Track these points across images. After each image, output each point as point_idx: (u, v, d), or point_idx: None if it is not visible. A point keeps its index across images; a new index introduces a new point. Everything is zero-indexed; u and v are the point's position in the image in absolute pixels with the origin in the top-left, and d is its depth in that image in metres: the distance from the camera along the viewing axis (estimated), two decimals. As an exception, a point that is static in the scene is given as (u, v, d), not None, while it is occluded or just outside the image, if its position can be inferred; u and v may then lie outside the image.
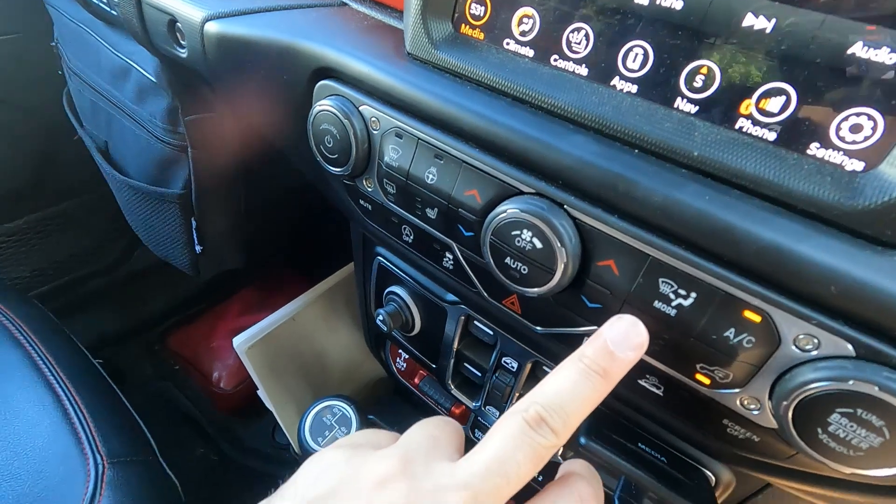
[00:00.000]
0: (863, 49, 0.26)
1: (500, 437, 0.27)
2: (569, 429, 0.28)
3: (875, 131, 0.27)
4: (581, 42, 0.36)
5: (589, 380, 0.29)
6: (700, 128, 0.32)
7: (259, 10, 0.51)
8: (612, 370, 0.29)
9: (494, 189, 0.38)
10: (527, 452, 0.26)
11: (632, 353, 0.30)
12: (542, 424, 0.27)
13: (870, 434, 0.27)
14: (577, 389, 0.29)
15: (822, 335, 0.28)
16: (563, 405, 0.28)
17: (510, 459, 0.26)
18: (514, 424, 0.27)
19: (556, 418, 0.27)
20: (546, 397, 0.28)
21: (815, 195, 0.28)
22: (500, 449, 0.27)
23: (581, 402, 0.28)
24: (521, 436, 0.27)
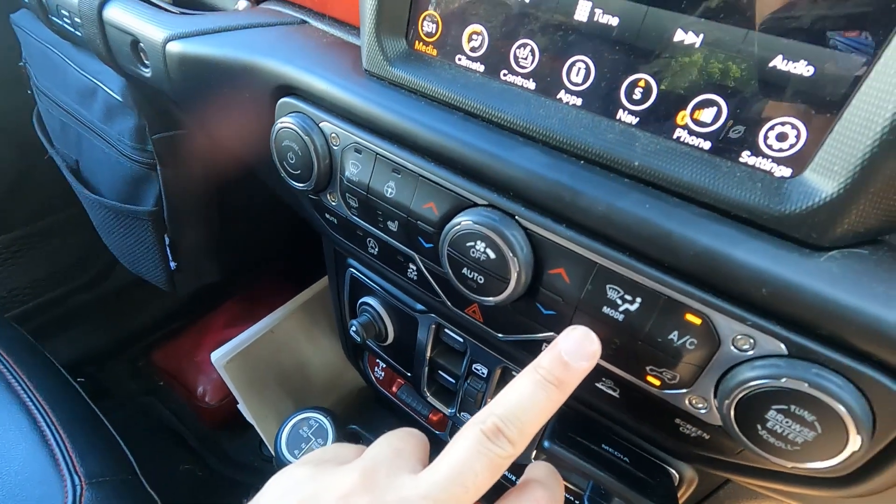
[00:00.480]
0: (783, 62, 0.28)
1: (459, 448, 0.28)
2: (525, 437, 0.29)
3: (799, 139, 0.28)
4: (527, 57, 0.37)
5: (544, 390, 0.30)
6: (641, 138, 0.33)
7: (221, 29, 0.52)
8: (566, 380, 0.31)
9: (450, 201, 0.39)
10: (484, 462, 0.28)
11: (585, 363, 0.31)
12: (498, 435, 0.28)
13: (804, 429, 0.28)
14: (533, 400, 0.30)
15: (758, 335, 0.29)
16: (519, 416, 0.29)
17: (469, 470, 0.27)
18: (473, 436, 0.28)
19: (511, 428, 0.28)
20: (503, 408, 0.29)
21: (747, 201, 0.29)
22: (459, 460, 0.28)
23: (537, 412, 0.29)
24: (478, 446, 0.28)
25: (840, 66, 0.26)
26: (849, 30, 0.26)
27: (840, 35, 0.26)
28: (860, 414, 0.26)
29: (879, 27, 0.25)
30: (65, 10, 0.62)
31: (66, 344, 1.34)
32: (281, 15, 0.55)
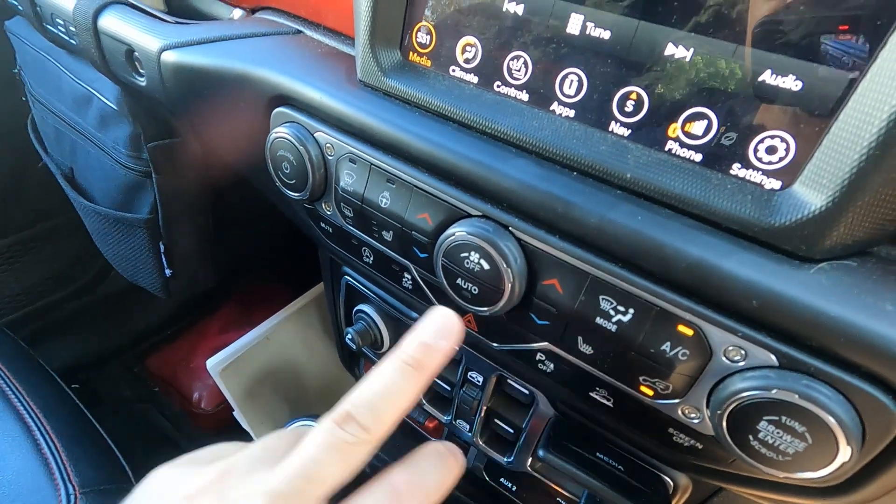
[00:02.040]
0: (772, 76, 0.28)
1: (308, 441, 0.27)
2: (381, 423, 0.28)
3: (788, 152, 0.29)
4: (520, 69, 0.37)
5: (403, 374, 0.29)
6: (633, 150, 0.33)
7: (216, 38, 0.52)
8: (426, 362, 0.29)
9: (444, 212, 0.39)
10: (332, 452, 0.27)
11: (444, 343, 0.30)
12: (348, 422, 0.27)
13: (795, 440, 0.28)
14: (391, 384, 0.28)
15: (749, 346, 0.29)
16: (373, 401, 0.28)
17: (312, 461, 0.26)
18: (323, 427, 0.27)
19: (364, 414, 0.27)
20: (358, 396, 0.28)
21: (738, 213, 0.30)
22: (306, 452, 0.27)
23: (396, 396, 0.28)
24: (326, 436, 0.27)
25: (827, 81, 0.27)
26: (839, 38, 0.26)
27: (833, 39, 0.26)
28: (850, 425, 0.27)
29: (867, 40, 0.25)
30: (59, 19, 0.62)
31: (60, 350, 1.33)
32: (276, 25, 0.55)
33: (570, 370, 0.39)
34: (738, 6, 0.28)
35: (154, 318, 1.44)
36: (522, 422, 0.54)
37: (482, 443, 0.59)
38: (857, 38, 0.26)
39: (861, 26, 0.25)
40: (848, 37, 0.26)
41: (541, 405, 0.51)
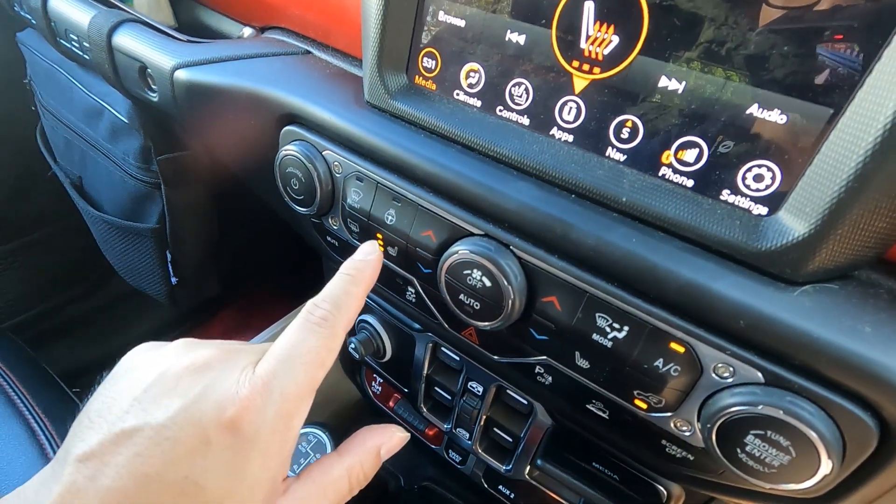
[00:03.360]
0: (758, 110, 0.30)
1: (288, 329, 0.33)
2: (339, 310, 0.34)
3: (774, 181, 0.31)
4: (522, 95, 0.39)
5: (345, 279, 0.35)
6: (628, 175, 0.35)
7: (227, 58, 0.53)
8: (362, 270, 0.36)
9: (447, 230, 0.40)
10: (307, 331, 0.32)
11: (371, 257, 0.37)
12: (315, 310, 0.33)
13: (779, 453, 0.30)
14: (341, 285, 0.35)
15: (737, 364, 0.31)
16: (333, 293, 0.34)
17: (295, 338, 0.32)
18: (298, 318, 0.33)
19: (326, 303, 0.34)
20: (319, 296, 0.35)
21: (727, 237, 0.31)
22: (288, 334, 0.33)
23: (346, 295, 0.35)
24: (301, 322, 0.33)
25: (810, 115, 0.28)
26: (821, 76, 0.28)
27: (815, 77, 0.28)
28: (831, 440, 0.28)
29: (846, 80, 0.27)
30: (73, 35, 0.64)
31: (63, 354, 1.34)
32: (285, 45, 0.57)
33: (568, 383, 0.40)
34: (727, 44, 0.30)
35: (155, 324, 1.45)
36: (521, 431, 0.55)
37: (481, 451, 0.61)
38: (839, 78, 0.27)
39: (841, 68, 0.27)
40: (830, 75, 0.28)
41: (539, 415, 0.52)
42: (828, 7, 0.27)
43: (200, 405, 0.29)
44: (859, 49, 0.27)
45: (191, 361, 0.31)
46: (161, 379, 0.30)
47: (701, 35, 0.31)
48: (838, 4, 0.27)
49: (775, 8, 0.28)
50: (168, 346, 0.33)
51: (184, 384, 0.30)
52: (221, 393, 0.29)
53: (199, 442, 0.28)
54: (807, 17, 0.28)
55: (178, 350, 0.32)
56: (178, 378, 0.30)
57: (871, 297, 0.30)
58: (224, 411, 0.28)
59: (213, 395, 0.29)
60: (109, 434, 0.29)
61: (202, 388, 0.29)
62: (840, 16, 0.27)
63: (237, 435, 0.29)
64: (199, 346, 0.33)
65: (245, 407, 0.29)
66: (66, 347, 1.36)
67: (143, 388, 0.30)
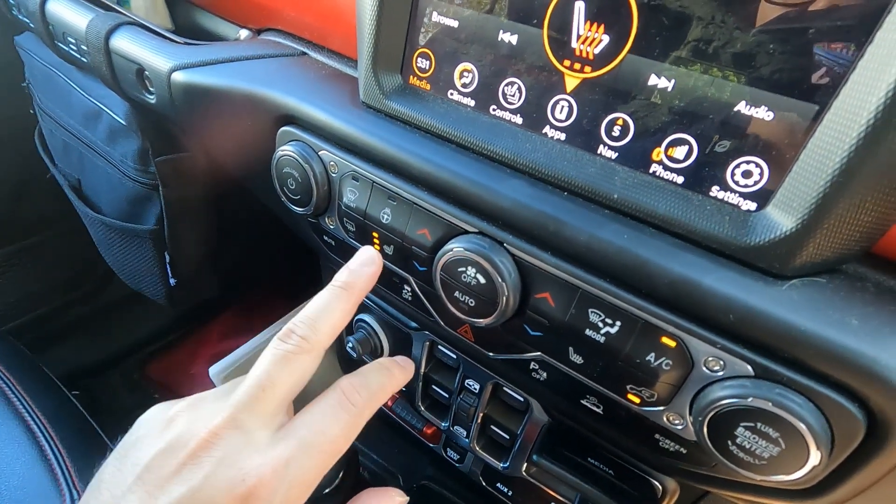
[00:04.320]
0: (746, 107, 0.30)
1: (259, 360, 0.33)
2: (317, 332, 0.33)
3: (762, 177, 0.31)
4: (515, 94, 0.39)
5: (334, 295, 0.35)
6: (619, 172, 0.36)
7: (224, 60, 0.54)
8: (354, 284, 0.36)
9: (442, 228, 0.41)
10: (279, 362, 0.32)
11: (367, 269, 0.37)
12: (290, 335, 0.33)
13: (769, 445, 0.30)
14: (325, 303, 0.35)
15: (727, 357, 0.31)
16: (310, 316, 0.34)
17: (264, 372, 0.32)
18: (271, 346, 0.33)
19: (302, 327, 0.33)
20: (298, 317, 0.34)
21: (717, 232, 0.32)
22: (257, 368, 0.32)
23: (329, 312, 0.34)
24: (273, 351, 0.32)
25: (796, 112, 0.29)
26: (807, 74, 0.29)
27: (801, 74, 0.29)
28: (819, 431, 0.29)
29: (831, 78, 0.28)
30: (71, 38, 0.64)
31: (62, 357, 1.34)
32: (281, 46, 0.58)
33: (562, 379, 0.41)
34: (715, 43, 0.30)
35: (155, 326, 1.45)
36: (518, 428, 0.56)
37: (479, 448, 0.61)
38: (824, 75, 0.28)
39: (826, 66, 0.28)
40: (815, 73, 0.28)
41: (535, 412, 0.53)
42: (814, 6, 0.27)
43: (205, 492, 0.28)
44: (844, 47, 0.27)
45: (192, 434, 0.30)
46: (164, 457, 0.30)
47: (689, 34, 0.31)
48: (825, 4, 0.27)
49: (762, 7, 0.29)
50: (173, 409, 0.33)
51: (188, 467, 0.29)
52: (228, 478, 0.29)
53: None
54: (793, 16, 0.28)
55: (182, 416, 0.32)
56: (182, 456, 0.29)
57: (859, 291, 0.30)
58: (232, 495, 0.28)
59: (219, 479, 0.29)
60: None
61: (208, 472, 0.29)
62: (825, 14, 0.27)
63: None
64: (203, 407, 0.32)
65: (253, 492, 0.28)
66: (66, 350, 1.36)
67: (147, 466, 0.29)
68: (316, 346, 0.33)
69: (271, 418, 0.31)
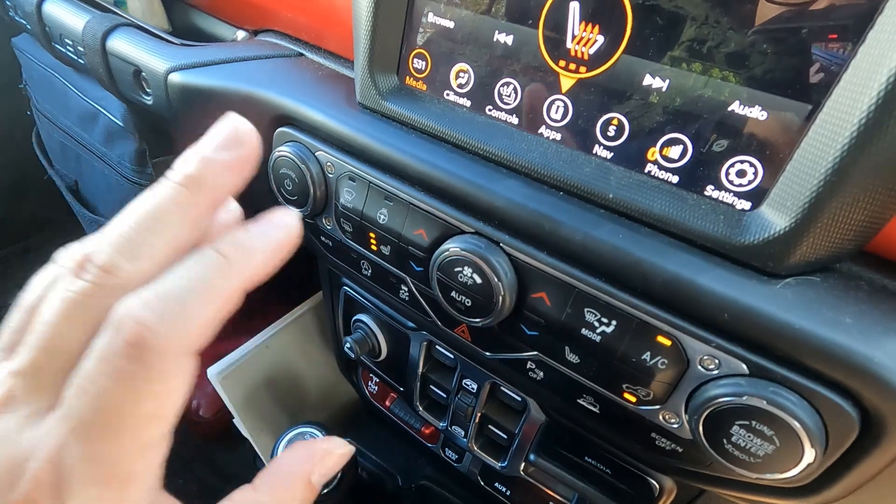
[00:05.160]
0: (740, 107, 0.31)
1: (42, 306, 0.21)
2: (135, 260, 0.20)
3: (756, 176, 0.31)
4: (510, 95, 0.39)
5: (171, 196, 0.21)
6: (615, 172, 0.36)
7: (221, 61, 0.54)
8: (203, 179, 0.22)
9: (439, 228, 0.41)
10: (65, 307, 0.20)
11: (226, 155, 0.22)
12: (85, 266, 0.20)
13: (764, 443, 0.30)
14: (155, 209, 0.21)
15: (722, 356, 0.32)
16: (124, 233, 0.21)
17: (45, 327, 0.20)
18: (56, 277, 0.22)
19: (106, 252, 0.20)
20: (101, 233, 0.21)
21: (711, 232, 0.32)
22: (40, 316, 0.21)
23: (161, 224, 0.21)
24: (57, 293, 0.21)
25: (789, 112, 0.29)
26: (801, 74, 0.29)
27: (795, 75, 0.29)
28: (813, 429, 0.29)
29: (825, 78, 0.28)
30: (68, 39, 0.64)
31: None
32: (278, 47, 0.58)
33: (559, 378, 0.41)
34: (709, 43, 0.30)
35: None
36: (515, 427, 0.56)
37: (477, 448, 0.61)
38: (817, 75, 0.28)
39: (819, 65, 0.28)
40: (808, 73, 0.28)
41: (533, 411, 0.53)
42: (807, 6, 0.27)
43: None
44: (837, 47, 0.27)
45: None
46: None
47: (683, 34, 0.31)
48: (818, 4, 0.27)
49: (756, 7, 0.29)
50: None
51: None
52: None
53: None
54: (786, 16, 0.28)
55: None
56: None
57: (852, 289, 0.30)
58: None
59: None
60: None
61: None
62: (818, 14, 0.27)
63: None
64: None
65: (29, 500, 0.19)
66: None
67: None
68: (128, 283, 0.20)
69: (57, 392, 0.20)
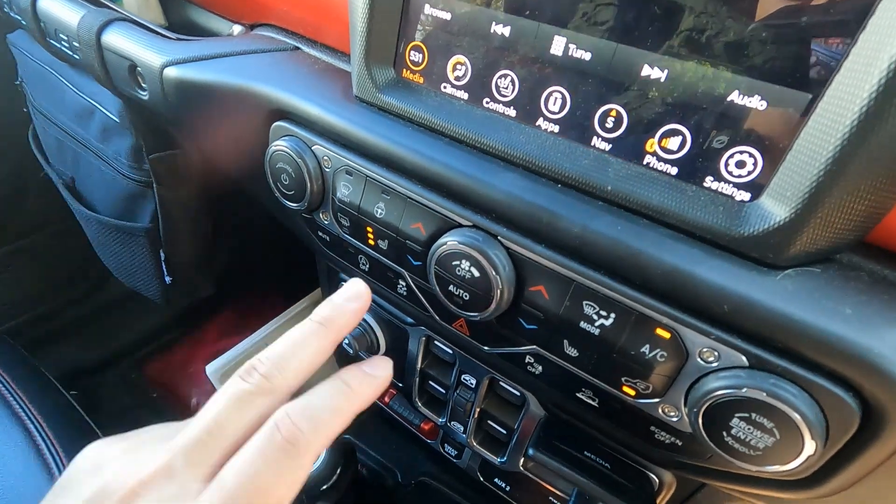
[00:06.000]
0: (739, 97, 0.30)
1: (213, 398, 0.28)
2: (283, 372, 0.29)
3: (756, 167, 0.31)
4: (508, 87, 0.39)
5: (311, 331, 0.31)
6: (613, 164, 0.35)
7: (217, 55, 0.54)
8: (335, 321, 0.31)
9: (436, 222, 0.41)
10: (233, 403, 0.28)
11: (352, 304, 0.32)
12: (251, 373, 0.28)
13: (764, 435, 0.30)
14: (298, 339, 0.30)
15: (721, 348, 0.31)
16: (279, 353, 0.29)
17: (214, 414, 0.27)
18: (228, 383, 0.29)
19: (266, 365, 0.29)
20: (264, 352, 0.30)
21: (710, 223, 0.32)
22: (209, 408, 0.28)
23: (300, 349, 0.30)
24: (228, 388, 0.28)
25: (789, 101, 0.29)
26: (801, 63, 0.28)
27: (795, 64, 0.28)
28: (814, 421, 0.29)
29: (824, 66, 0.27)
30: (63, 34, 0.64)
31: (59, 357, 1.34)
32: (274, 41, 0.57)
33: (558, 372, 0.41)
34: (707, 32, 0.30)
35: (152, 325, 1.45)
36: (514, 422, 0.56)
37: (476, 444, 0.61)
38: (816, 64, 0.28)
39: (819, 54, 0.28)
40: (808, 62, 0.28)
41: (531, 406, 0.53)
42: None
43: None
44: (837, 35, 0.27)
45: (120, 484, 0.27)
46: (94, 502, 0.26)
47: (682, 24, 0.31)
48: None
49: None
50: (111, 449, 0.29)
51: None
52: None
53: None
54: (786, 5, 0.28)
55: (115, 462, 0.28)
56: None
57: (852, 280, 0.30)
58: None
59: None
60: None
61: None
62: (818, 3, 0.27)
63: None
64: (143, 450, 0.28)
65: None
66: (63, 350, 1.36)
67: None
68: (278, 388, 0.28)
69: (211, 471, 0.26)
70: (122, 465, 0.27)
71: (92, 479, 0.27)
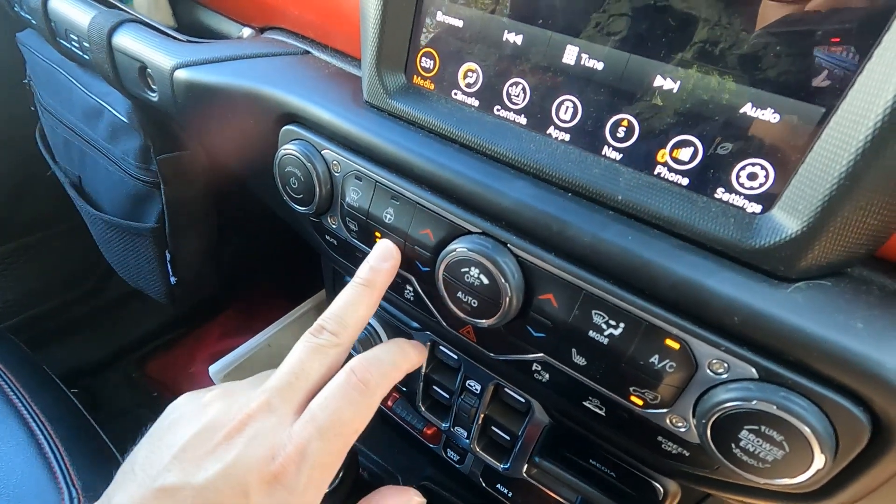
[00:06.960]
0: (752, 109, 0.30)
1: (293, 351, 0.36)
2: (346, 327, 0.37)
3: (768, 179, 0.31)
4: (519, 95, 0.39)
5: (357, 291, 0.38)
6: (624, 173, 0.36)
7: (227, 58, 0.54)
8: (375, 280, 0.39)
9: (445, 229, 0.41)
10: (311, 354, 0.35)
11: (386, 264, 0.40)
12: (321, 331, 0.36)
13: (773, 448, 0.30)
14: (349, 299, 0.38)
15: (731, 360, 0.31)
16: (338, 313, 0.37)
17: (297, 361, 0.35)
18: (303, 339, 0.36)
19: (332, 323, 0.36)
20: (326, 312, 0.37)
21: (721, 235, 0.32)
22: (292, 358, 0.35)
23: (354, 306, 0.38)
24: (306, 344, 0.36)
25: (802, 114, 0.29)
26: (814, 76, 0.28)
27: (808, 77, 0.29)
28: (824, 434, 0.29)
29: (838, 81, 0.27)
30: (73, 35, 0.64)
31: (62, 355, 1.34)
32: (285, 45, 0.58)
33: (565, 380, 0.41)
34: (721, 44, 0.30)
35: (154, 324, 1.45)
36: (519, 429, 0.55)
37: (479, 449, 0.61)
38: (831, 78, 0.28)
39: (833, 68, 0.28)
40: (822, 75, 0.28)
41: (537, 413, 0.53)
42: (821, 8, 0.27)
43: (238, 468, 0.31)
44: (852, 49, 0.27)
45: (228, 417, 0.33)
46: (200, 438, 0.32)
47: (695, 35, 0.31)
48: (831, 5, 0.27)
49: (768, 9, 0.29)
50: (207, 395, 0.35)
51: (223, 446, 0.32)
52: (259, 457, 0.31)
53: (238, 499, 0.30)
54: (800, 18, 0.28)
55: (216, 402, 0.34)
56: (217, 437, 0.32)
57: (863, 294, 0.30)
58: (262, 472, 0.31)
59: (250, 458, 0.31)
60: (150, 489, 0.30)
61: (240, 451, 0.31)
62: (833, 16, 0.27)
63: (272, 494, 0.31)
64: (236, 394, 0.35)
65: (281, 470, 0.31)
66: (65, 349, 1.36)
67: (183, 447, 0.32)
68: (345, 340, 0.36)
69: (300, 405, 0.34)
70: (225, 404, 0.34)
71: (199, 415, 0.34)
